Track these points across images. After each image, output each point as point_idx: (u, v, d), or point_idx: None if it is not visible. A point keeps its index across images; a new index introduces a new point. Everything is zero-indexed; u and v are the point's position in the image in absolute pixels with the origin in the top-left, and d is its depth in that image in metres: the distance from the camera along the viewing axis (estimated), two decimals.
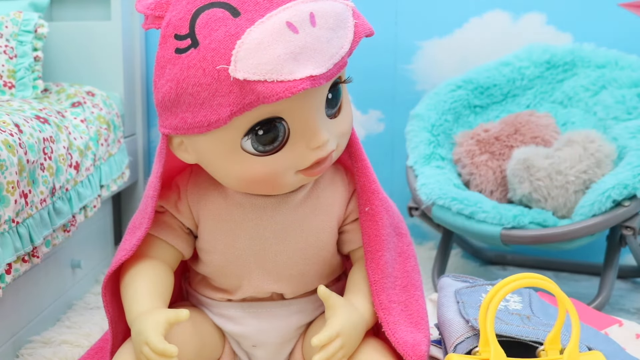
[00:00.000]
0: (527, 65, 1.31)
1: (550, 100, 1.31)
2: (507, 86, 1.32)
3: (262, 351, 0.78)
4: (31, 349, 0.98)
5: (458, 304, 0.78)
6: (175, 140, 0.68)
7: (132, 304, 0.68)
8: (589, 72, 1.28)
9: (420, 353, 0.69)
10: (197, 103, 0.60)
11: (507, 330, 0.70)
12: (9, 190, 0.85)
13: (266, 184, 0.66)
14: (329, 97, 0.65)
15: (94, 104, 1.28)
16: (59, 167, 1.02)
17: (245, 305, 0.77)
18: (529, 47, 1.33)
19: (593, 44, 1.31)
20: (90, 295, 1.22)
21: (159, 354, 0.61)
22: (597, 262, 1.31)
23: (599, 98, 1.24)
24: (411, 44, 1.49)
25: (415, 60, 1.49)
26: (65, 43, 1.44)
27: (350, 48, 0.62)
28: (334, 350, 0.65)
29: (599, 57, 1.28)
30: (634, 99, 1.19)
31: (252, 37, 0.57)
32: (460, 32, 1.46)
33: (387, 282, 0.73)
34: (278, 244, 0.73)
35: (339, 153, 0.70)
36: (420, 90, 1.48)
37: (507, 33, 1.43)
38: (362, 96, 1.52)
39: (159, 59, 0.64)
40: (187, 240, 0.76)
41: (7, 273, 0.85)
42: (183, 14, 0.61)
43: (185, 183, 0.76)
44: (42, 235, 0.95)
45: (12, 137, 0.88)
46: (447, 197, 1.13)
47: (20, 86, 1.23)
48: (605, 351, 0.71)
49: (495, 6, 1.44)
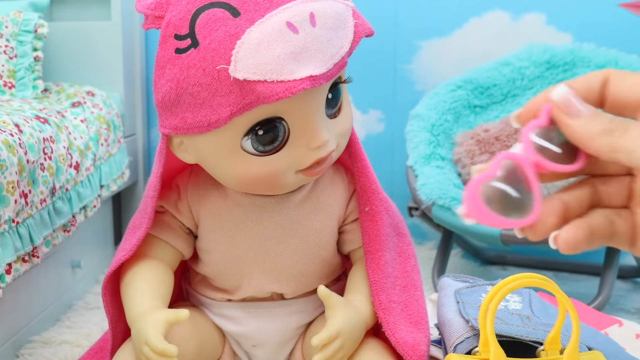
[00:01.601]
0: (527, 65, 1.31)
1: None
2: (507, 86, 1.32)
3: (262, 351, 0.78)
4: (31, 349, 0.98)
5: (458, 304, 0.78)
6: (175, 140, 0.68)
7: (132, 304, 0.68)
8: (589, 72, 1.28)
9: (420, 353, 0.69)
10: (197, 103, 0.60)
11: (507, 330, 0.70)
12: (9, 190, 0.85)
13: (266, 184, 0.66)
14: (329, 97, 0.65)
15: (94, 104, 1.28)
16: (59, 167, 1.02)
17: (245, 305, 0.77)
18: (529, 47, 1.33)
19: (593, 44, 1.31)
20: (90, 295, 1.22)
21: (159, 353, 0.61)
22: (597, 262, 1.31)
23: None
24: (411, 44, 1.49)
25: (415, 61, 1.50)
26: (65, 43, 1.44)
27: (350, 48, 0.62)
28: (334, 350, 0.65)
29: (599, 57, 1.28)
30: None
31: (252, 37, 0.57)
32: (460, 32, 1.46)
33: (387, 282, 0.73)
34: (278, 244, 0.73)
35: (339, 153, 0.70)
36: (420, 90, 1.48)
37: (507, 33, 1.43)
38: (362, 96, 1.52)
39: (159, 59, 0.64)
40: (187, 240, 0.76)
41: (7, 273, 0.85)
42: (183, 14, 0.61)
43: (185, 183, 0.76)
44: (42, 235, 0.95)
45: (12, 137, 0.88)
46: (447, 197, 1.13)
47: (20, 86, 1.23)
48: (605, 351, 0.71)
49: (495, 6, 1.44)
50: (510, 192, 0.37)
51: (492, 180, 0.37)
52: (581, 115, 0.37)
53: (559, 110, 0.37)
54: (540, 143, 0.38)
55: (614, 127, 0.35)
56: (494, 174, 0.37)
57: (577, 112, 0.37)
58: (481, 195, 0.36)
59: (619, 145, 0.35)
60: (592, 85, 0.38)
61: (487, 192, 0.37)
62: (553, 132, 0.38)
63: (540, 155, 0.38)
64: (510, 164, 0.37)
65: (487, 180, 0.37)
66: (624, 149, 0.35)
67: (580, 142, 0.37)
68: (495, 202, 0.37)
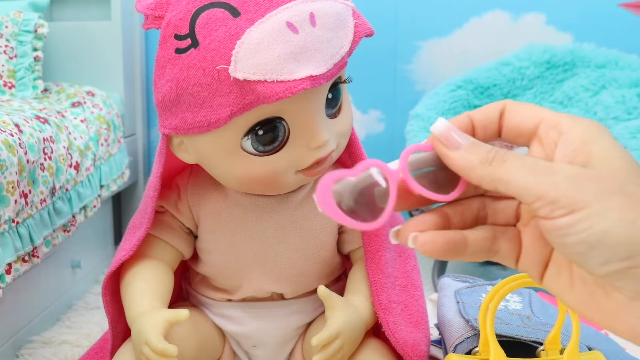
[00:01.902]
0: (527, 65, 1.31)
1: (550, 100, 1.31)
2: (507, 86, 1.32)
3: (262, 351, 0.78)
4: (31, 349, 0.98)
5: (458, 304, 0.78)
6: (175, 140, 0.68)
7: (132, 304, 0.68)
8: (589, 72, 1.28)
9: (420, 353, 0.69)
10: (197, 103, 0.60)
11: (507, 330, 0.70)
12: (9, 190, 0.85)
13: (266, 184, 0.66)
14: (329, 97, 0.65)
15: (94, 104, 1.28)
16: (59, 167, 1.02)
17: (245, 305, 0.77)
18: (529, 47, 1.33)
19: (593, 44, 1.31)
20: (90, 295, 1.22)
21: (159, 353, 0.61)
22: None
23: (599, 98, 1.24)
24: (411, 44, 1.49)
25: (415, 61, 1.50)
26: (65, 43, 1.44)
27: (350, 48, 0.62)
28: (334, 351, 0.65)
29: (599, 57, 1.28)
30: (634, 99, 1.19)
31: (252, 37, 0.57)
32: (460, 32, 1.46)
33: (387, 282, 0.73)
34: (278, 244, 0.73)
35: (339, 153, 0.70)
36: (420, 91, 1.48)
37: (507, 33, 1.43)
38: (362, 96, 1.52)
39: (158, 59, 0.64)
40: (187, 240, 0.76)
41: (7, 273, 0.85)
42: (183, 14, 0.61)
43: (185, 183, 0.76)
44: (42, 235, 0.95)
45: (12, 137, 0.88)
46: None
47: (20, 86, 1.23)
48: (605, 351, 0.71)
49: (495, 6, 1.44)
50: (356, 197, 0.38)
51: (349, 179, 0.38)
52: (460, 147, 0.38)
53: (439, 143, 0.39)
54: (414, 164, 0.39)
55: (492, 157, 0.37)
56: (355, 175, 0.38)
57: (456, 144, 0.38)
58: (333, 190, 0.37)
59: (497, 175, 0.36)
60: (492, 115, 0.39)
61: (340, 189, 0.37)
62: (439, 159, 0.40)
63: (411, 175, 0.39)
64: (377, 172, 0.38)
65: (343, 177, 0.37)
66: (502, 179, 0.36)
67: (462, 172, 0.38)
68: (345, 200, 0.37)
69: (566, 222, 0.34)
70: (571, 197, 0.33)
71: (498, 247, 0.40)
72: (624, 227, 0.33)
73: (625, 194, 0.33)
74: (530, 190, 0.34)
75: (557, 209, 0.34)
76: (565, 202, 0.33)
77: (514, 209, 0.41)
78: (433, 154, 0.40)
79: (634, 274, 0.33)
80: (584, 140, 0.35)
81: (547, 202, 0.34)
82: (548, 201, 0.34)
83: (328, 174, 0.37)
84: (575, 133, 0.35)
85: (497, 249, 0.40)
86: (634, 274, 0.33)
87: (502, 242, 0.40)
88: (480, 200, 0.42)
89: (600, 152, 0.35)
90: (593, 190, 0.33)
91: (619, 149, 0.35)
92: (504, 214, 0.41)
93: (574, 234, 0.34)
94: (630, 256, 0.33)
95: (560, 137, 0.36)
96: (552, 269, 0.39)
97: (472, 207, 0.41)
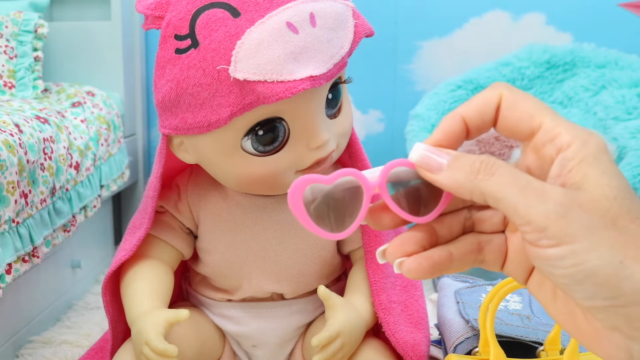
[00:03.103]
0: (527, 65, 1.31)
1: (550, 100, 1.31)
2: None
3: (262, 351, 0.78)
4: (31, 349, 0.98)
5: (458, 304, 0.78)
6: (175, 141, 0.68)
7: (132, 304, 0.68)
8: (589, 72, 1.28)
9: (420, 353, 0.69)
10: (197, 103, 0.60)
11: (507, 330, 0.70)
12: (9, 190, 0.85)
13: (266, 184, 0.66)
14: (329, 97, 0.65)
15: (94, 104, 1.28)
16: (59, 167, 1.02)
17: (245, 305, 0.77)
18: (529, 47, 1.33)
19: (593, 44, 1.31)
20: (90, 295, 1.22)
21: (159, 354, 0.61)
22: None
23: (599, 98, 1.24)
24: (411, 44, 1.49)
25: (415, 61, 1.49)
26: (65, 43, 1.44)
27: (351, 48, 0.62)
28: (334, 351, 0.65)
29: (599, 57, 1.28)
30: (634, 99, 1.19)
31: (252, 37, 0.57)
32: (460, 32, 1.46)
33: (387, 282, 0.73)
34: (278, 244, 0.73)
35: (339, 153, 0.70)
36: (420, 90, 1.48)
37: (507, 33, 1.43)
38: (362, 96, 1.52)
39: (159, 59, 0.64)
40: (187, 241, 0.76)
41: (7, 273, 0.85)
42: (183, 14, 0.61)
43: (185, 183, 0.76)
44: (42, 235, 0.95)
45: (12, 137, 0.88)
46: None
47: (20, 86, 1.23)
48: None
49: (495, 6, 1.44)
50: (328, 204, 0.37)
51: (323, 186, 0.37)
52: (442, 168, 0.37)
53: (421, 169, 0.37)
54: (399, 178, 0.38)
55: (477, 168, 0.35)
56: (329, 182, 0.37)
57: (438, 166, 0.37)
58: (305, 194, 0.36)
59: (487, 190, 0.35)
60: (486, 112, 0.37)
61: (312, 194, 0.37)
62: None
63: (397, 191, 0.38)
64: (353, 183, 0.37)
65: (317, 182, 0.37)
66: (492, 196, 0.35)
67: (452, 191, 0.37)
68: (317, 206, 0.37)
69: (553, 254, 0.33)
70: (561, 230, 0.33)
71: (483, 257, 0.40)
72: (611, 268, 0.32)
73: (616, 228, 0.32)
74: (519, 212, 0.33)
75: (545, 238, 0.33)
76: (554, 233, 0.33)
77: (501, 217, 0.40)
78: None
79: (617, 312, 0.33)
80: (581, 161, 0.34)
81: (535, 229, 0.33)
82: (536, 228, 0.33)
83: (302, 177, 0.36)
84: (572, 153, 0.34)
85: (482, 259, 0.40)
86: (617, 312, 0.33)
87: (486, 252, 0.40)
88: (467, 210, 0.41)
89: (596, 177, 0.33)
90: (584, 223, 0.32)
91: (616, 176, 0.34)
92: (491, 222, 0.40)
93: (560, 268, 0.33)
94: (615, 296, 0.32)
95: (558, 156, 0.35)
96: (535, 278, 0.38)
97: (460, 218, 0.41)
